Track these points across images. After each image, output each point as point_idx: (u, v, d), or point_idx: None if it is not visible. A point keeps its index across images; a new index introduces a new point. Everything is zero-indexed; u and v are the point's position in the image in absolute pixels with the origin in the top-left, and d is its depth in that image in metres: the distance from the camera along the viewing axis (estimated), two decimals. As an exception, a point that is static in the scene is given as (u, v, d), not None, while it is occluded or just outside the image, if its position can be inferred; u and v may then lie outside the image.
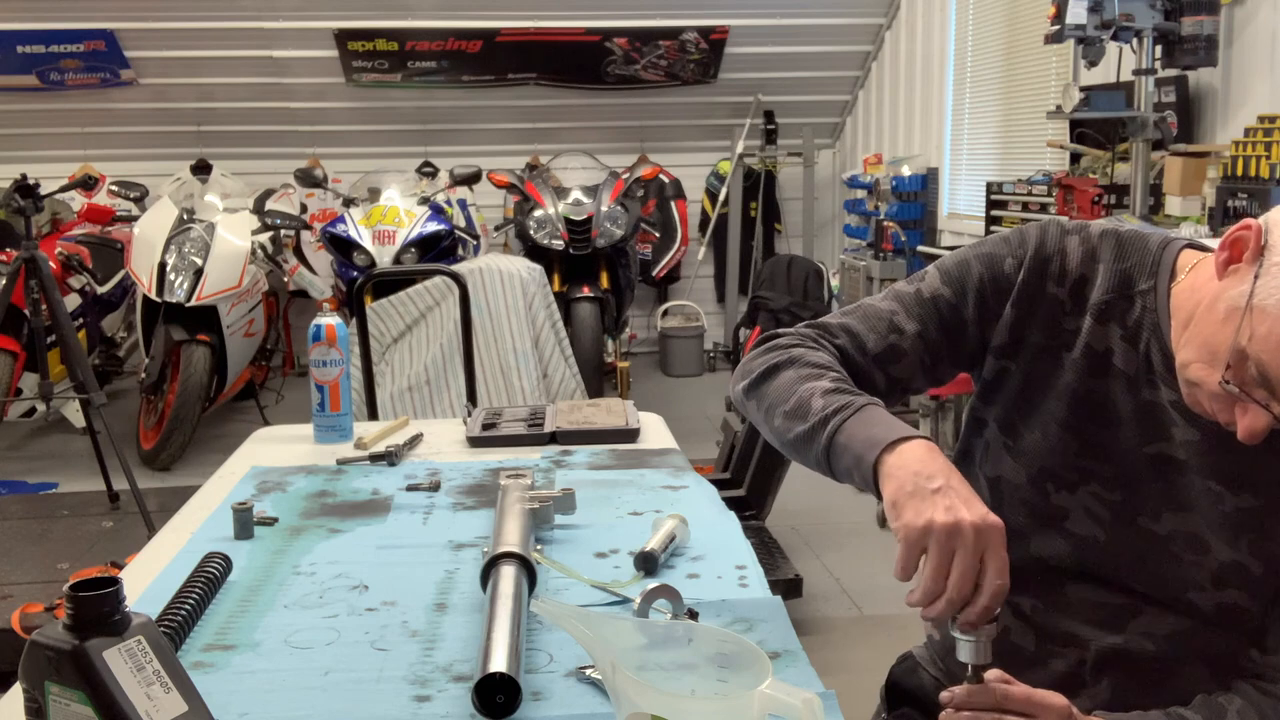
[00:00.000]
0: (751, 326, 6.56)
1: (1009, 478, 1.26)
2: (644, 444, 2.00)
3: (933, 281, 1.29)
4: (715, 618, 1.26)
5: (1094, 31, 3.57)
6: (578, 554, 1.47)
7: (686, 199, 7.48)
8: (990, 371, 1.28)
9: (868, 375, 1.28)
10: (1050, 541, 1.24)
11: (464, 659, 1.18)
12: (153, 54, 6.55)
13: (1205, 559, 1.17)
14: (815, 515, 4.19)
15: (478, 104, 7.13)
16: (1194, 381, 1.08)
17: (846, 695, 1.16)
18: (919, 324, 1.27)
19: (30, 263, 4.03)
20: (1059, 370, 1.23)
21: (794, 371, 1.23)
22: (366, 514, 1.65)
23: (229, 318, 5.10)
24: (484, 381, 4.38)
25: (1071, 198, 4.30)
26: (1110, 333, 1.20)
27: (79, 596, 0.88)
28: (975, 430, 1.32)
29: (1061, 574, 1.24)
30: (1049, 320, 1.24)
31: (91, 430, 4.34)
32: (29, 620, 2.89)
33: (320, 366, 2.01)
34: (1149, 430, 1.19)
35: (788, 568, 3.46)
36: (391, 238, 5.23)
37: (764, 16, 6.78)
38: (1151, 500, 1.19)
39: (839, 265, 6.54)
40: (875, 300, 1.32)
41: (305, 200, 6.67)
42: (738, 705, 0.92)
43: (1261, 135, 3.35)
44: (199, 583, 1.31)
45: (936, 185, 6.23)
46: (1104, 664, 1.22)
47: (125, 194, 5.50)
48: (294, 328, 6.57)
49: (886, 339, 1.28)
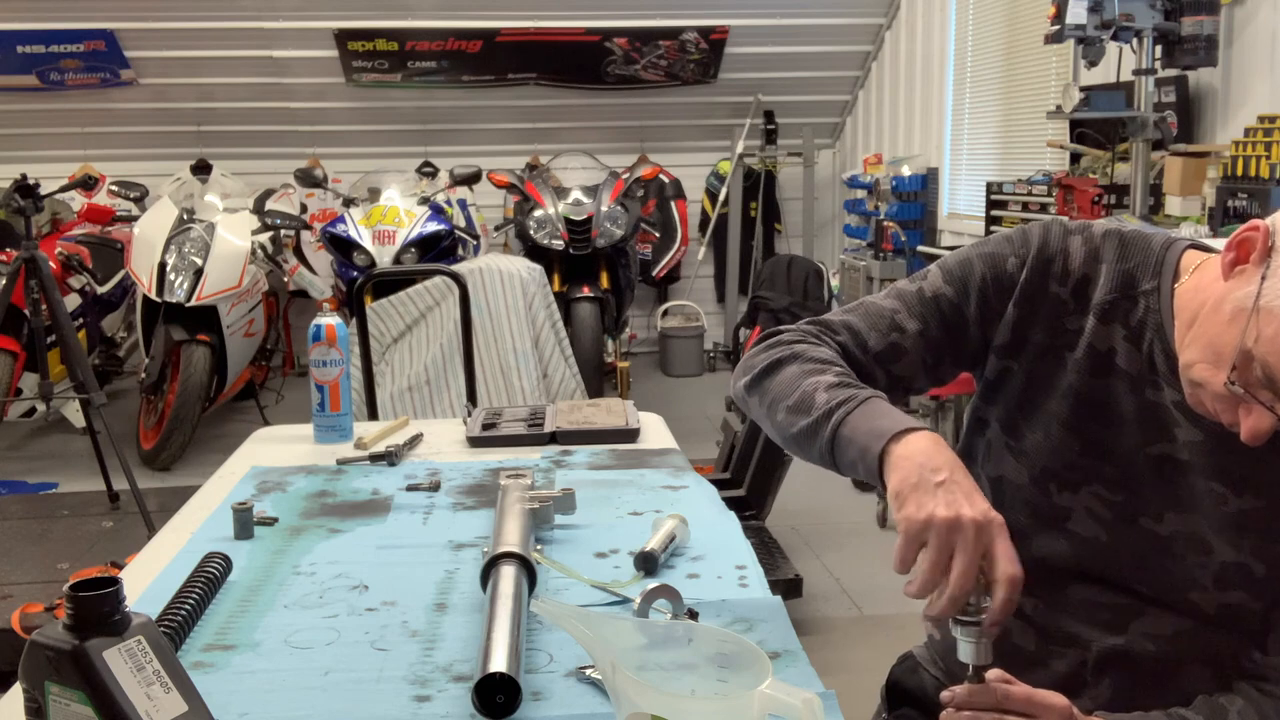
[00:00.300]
0: (751, 326, 6.56)
1: (1011, 478, 1.26)
2: (644, 444, 2.00)
3: (935, 280, 1.29)
4: (715, 618, 1.26)
5: (1094, 31, 3.57)
6: (578, 554, 1.46)
7: (686, 199, 7.48)
8: (992, 371, 1.28)
9: (869, 373, 1.28)
10: (1052, 542, 1.24)
11: (464, 659, 1.18)
12: (153, 54, 6.55)
13: (1208, 560, 1.17)
14: (815, 515, 4.20)
15: (478, 104, 7.13)
16: (1198, 382, 1.08)
17: (846, 695, 1.16)
18: (920, 322, 1.27)
19: (30, 263, 4.04)
20: (1061, 370, 1.23)
21: (797, 366, 1.23)
22: (366, 514, 1.65)
23: (229, 318, 5.10)
24: (484, 381, 4.38)
25: (1071, 198, 4.30)
26: (1113, 332, 1.20)
27: (79, 596, 0.88)
28: (977, 430, 1.32)
29: (1063, 574, 1.24)
30: (1051, 320, 1.23)
31: (91, 430, 4.34)
32: (29, 620, 2.89)
33: (320, 366, 2.01)
34: (1152, 431, 1.19)
35: (788, 568, 3.46)
36: (391, 238, 5.23)
37: (764, 16, 6.78)
38: (1154, 501, 1.19)
39: (839, 265, 6.54)
40: (877, 298, 1.32)
41: (305, 200, 6.67)
42: (738, 705, 0.92)
43: (1261, 135, 3.35)
44: (199, 583, 1.31)
45: (936, 185, 6.22)
46: (1105, 664, 1.22)
47: (125, 194, 5.50)
48: (294, 328, 6.57)
49: (888, 337, 1.28)
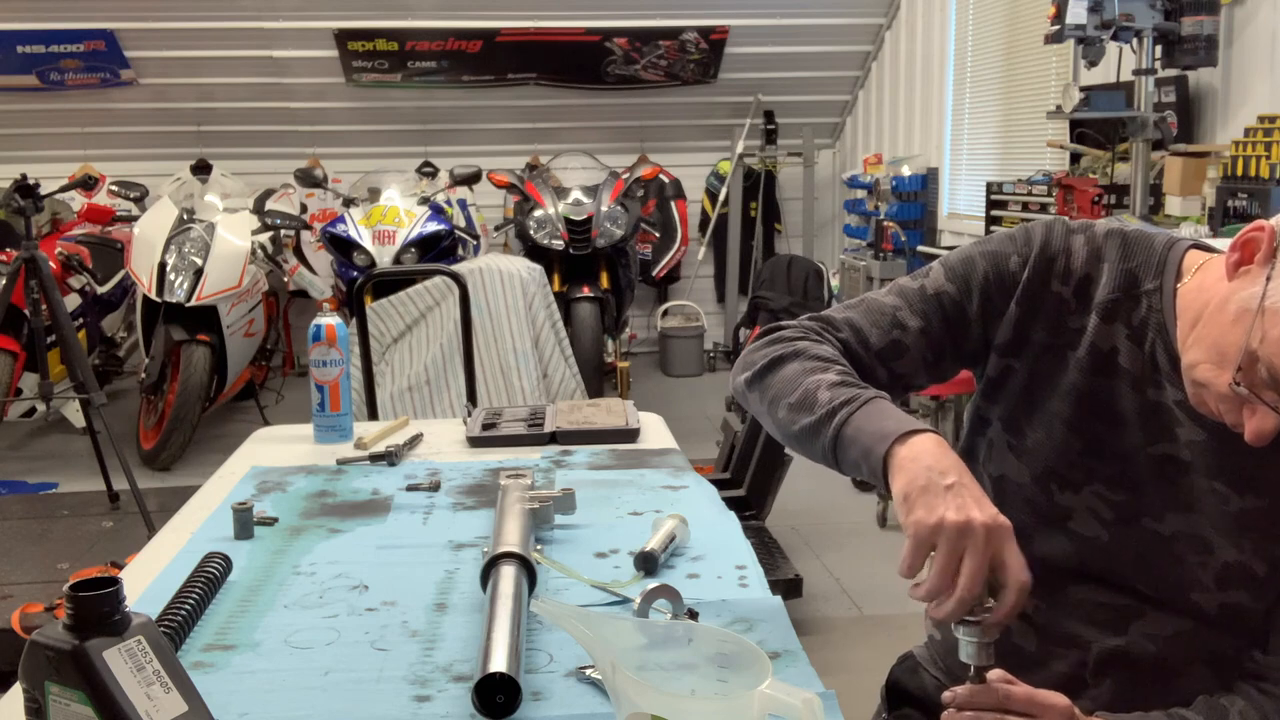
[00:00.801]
0: (751, 326, 6.57)
1: (1013, 477, 1.26)
2: (644, 444, 2.00)
3: (937, 277, 1.29)
4: (715, 618, 1.26)
5: (1094, 31, 3.57)
6: (578, 554, 1.46)
7: (686, 199, 7.48)
8: (994, 369, 1.27)
9: (870, 370, 1.28)
10: (1054, 541, 1.24)
11: (464, 659, 1.18)
12: (153, 54, 6.55)
13: (1209, 560, 1.17)
14: (815, 515, 4.20)
15: (478, 104, 7.13)
16: (1202, 382, 1.08)
17: (846, 695, 1.16)
18: (922, 319, 1.27)
19: (30, 263, 4.04)
20: (1064, 369, 1.22)
21: (799, 364, 1.22)
22: (366, 514, 1.65)
23: (229, 318, 5.10)
24: (484, 381, 4.38)
25: (1071, 198, 4.30)
26: (1115, 332, 1.20)
27: (79, 596, 0.88)
28: (979, 429, 1.32)
29: (1064, 574, 1.23)
30: (1053, 319, 1.23)
31: (91, 430, 4.34)
32: (29, 620, 2.89)
33: (320, 366, 2.01)
34: (1154, 430, 1.19)
35: (788, 568, 3.46)
36: (391, 238, 5.23)
37: (764, 16, 6.78)
38: (1155, 501, 1.19)
39: (839, 265, 6.54)
40: (879, 295, 1.32)
41: (305, 200, 6.67)
42: (737, 705, 0.92)
43: (1261, 135, 3.35)
44: (199, 583, 1.31)
45: (936, 185, 6.22)
46: (1105, 665, 1.22)
47: (125, 194, 5.50)
48: (294, 328, 6.57)
49: (889, 334, 1.27)
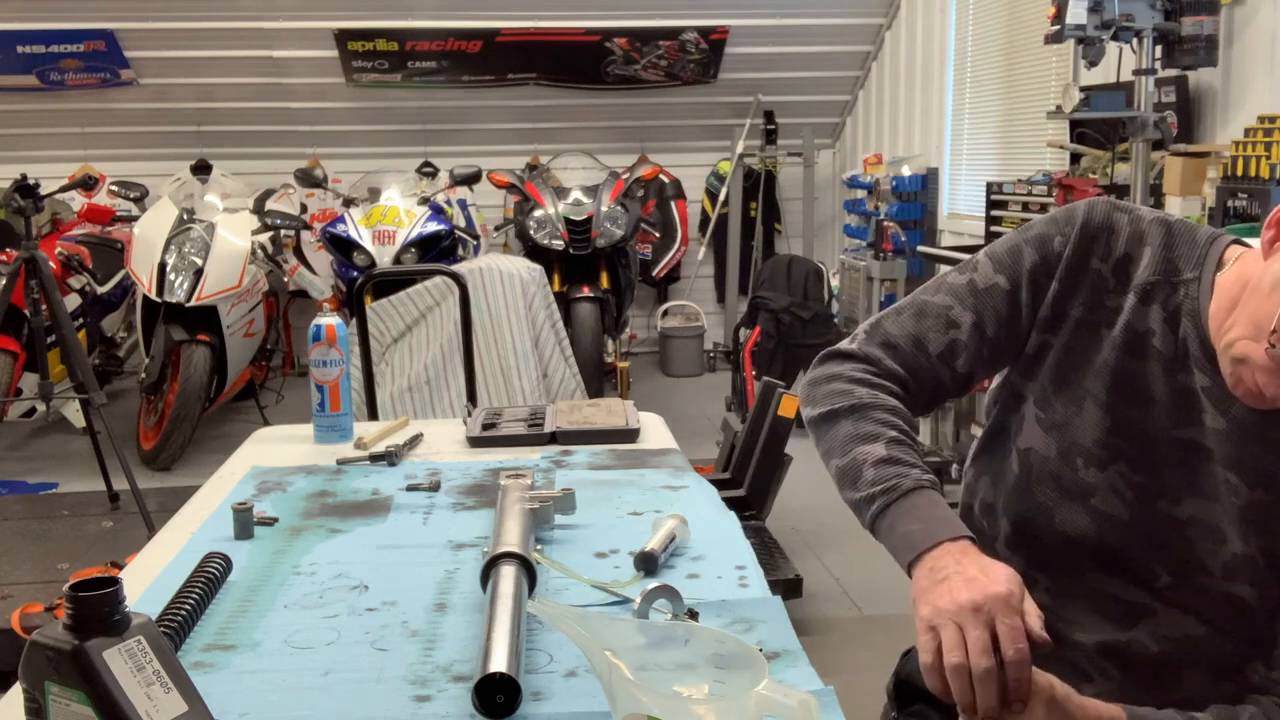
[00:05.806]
0: (751, 326, 6.55)
1: (1039, 450, 1.26)
2: (644, 444, 2.01)
3: (986, 271, 1.29)
4: (715, 618, 1.26)
5: (1094, 31, 3.56)
6: (578, 554, 1.47)
7: (686, 199, 7.48)
8: (1032, 346, 1.28)
9: (933, 374, 1.29)
10: (1076, 517, 1.24)
11: (464, 659, 1.18)
12: (153, 54, 6.54)
13: (1219, 549, 1.18)
14: (815, 515, 4.19)
15: (478, 104, 7.12)
16: (1240, 358, 1.09)
17: (847, 695, 1.16)
18: (975, 315, 1.27)
19: (30, 263, 4.03)
20: (1098, 347, 1.23)
21: (852, 426, 1.23)
22: (366, 514, 1.65)
23: (229, 318, 5.10)
24: (484, 381, 4.38)
25: (1071, 198, 4.29)
26: (1151, 314, 1.21)
27: (79, 596, 0.89)
28: (1012, 405, 1.32)
29: (1084, 553, 1.24)
30: (1091, 295, 1.24)
31: (91, 430, 4.34)
32: (29, 620, 2.89)
33: (320, 366, 2.01)
34: (1181, 414, 1.20)
35: (788, 568, 3.46)
36: (391, 238, 5.23)
37: (764, 16, 6.78)
38: (1173, 484, 1.20)
39: (839, 265, 6.54)
40: (928, 295, 1.32)
41: (305, 200, 6.66)
42: (734, 706, 0.92)
43: (1261, 135, 3.35)
44: (199, 583, 1.31)
45: (936, 185, 6.22)
46: (1101, 657, 1.23)
47: (125, 194, 5.50)
48: (294, 328, 6.57)
49: (946, 335, 1.28)
